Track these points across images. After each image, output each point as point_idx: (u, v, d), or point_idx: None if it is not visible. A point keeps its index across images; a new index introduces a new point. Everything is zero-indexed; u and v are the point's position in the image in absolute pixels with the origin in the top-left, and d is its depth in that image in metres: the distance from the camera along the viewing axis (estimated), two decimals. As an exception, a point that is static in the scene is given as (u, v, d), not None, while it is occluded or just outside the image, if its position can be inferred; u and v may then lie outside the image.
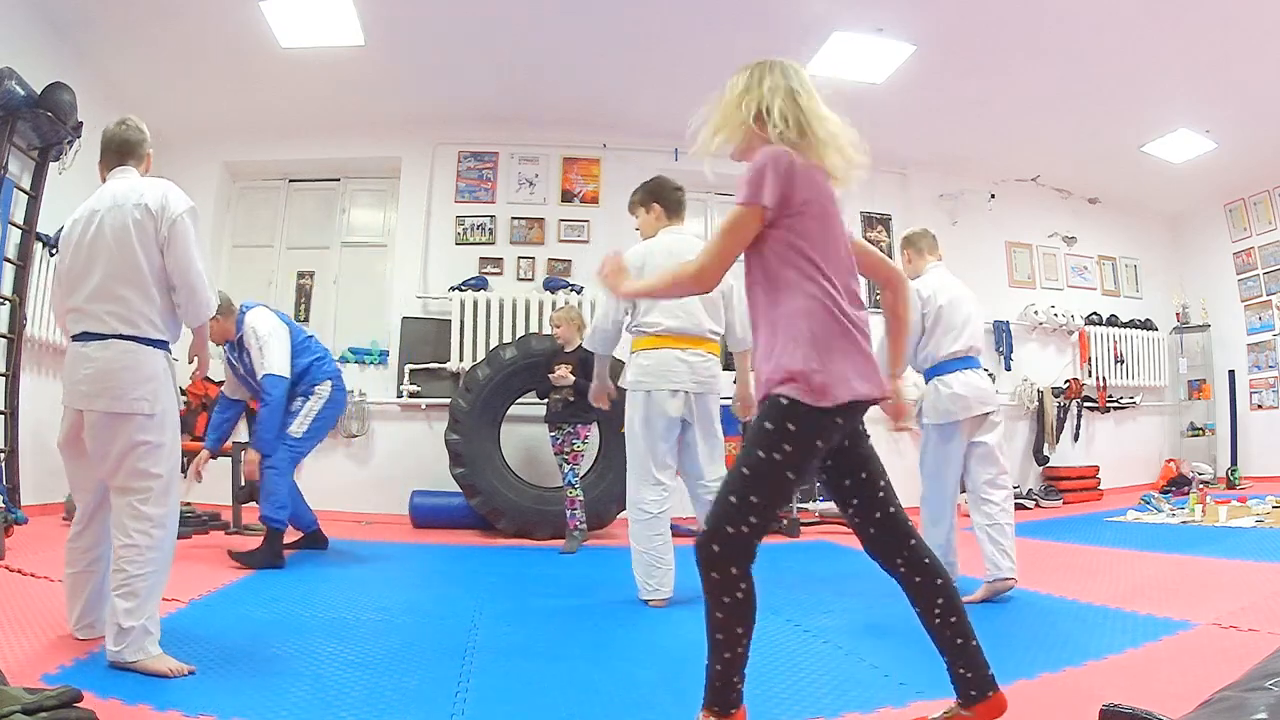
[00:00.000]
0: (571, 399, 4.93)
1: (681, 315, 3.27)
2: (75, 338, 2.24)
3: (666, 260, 3.14)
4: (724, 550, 1.54)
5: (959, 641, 1.63)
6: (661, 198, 3.49)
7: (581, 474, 5.07)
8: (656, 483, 3.21)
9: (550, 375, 4.99)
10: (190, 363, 2.54)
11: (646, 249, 3.36)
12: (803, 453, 1.56)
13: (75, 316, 2.24)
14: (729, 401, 3.49)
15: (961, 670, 1.63)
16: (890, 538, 1.67)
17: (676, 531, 3.62)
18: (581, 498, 4.97)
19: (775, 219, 1.64)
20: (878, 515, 1.68)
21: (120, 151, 2.38)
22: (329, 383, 4.23)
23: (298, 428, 4.07)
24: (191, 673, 2.06)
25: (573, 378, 4.91)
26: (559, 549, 4.79)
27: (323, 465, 6.25)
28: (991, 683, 1.63)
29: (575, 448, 5.00)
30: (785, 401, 1.56)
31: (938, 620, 1.64)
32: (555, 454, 5.10)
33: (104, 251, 2.20)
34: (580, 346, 5.07)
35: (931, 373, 3.38)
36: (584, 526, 4.95)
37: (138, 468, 2.18)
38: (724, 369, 3.46)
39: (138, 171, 2.37)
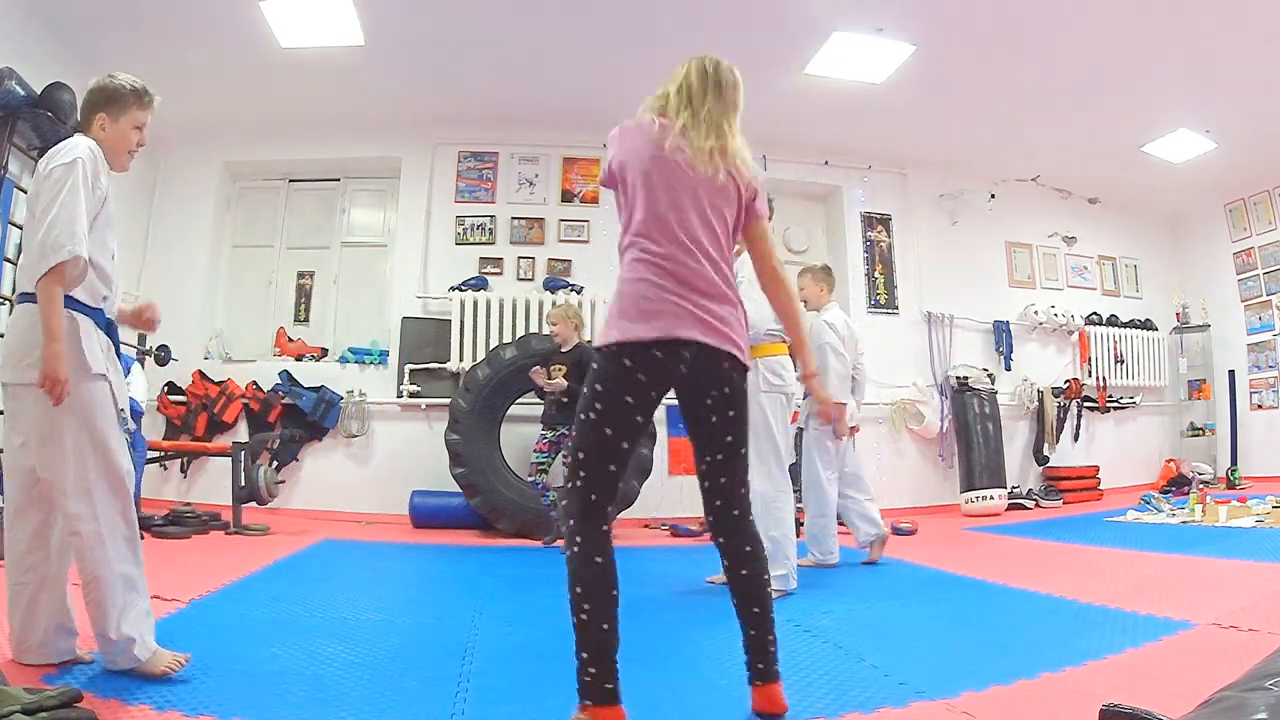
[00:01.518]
0: (565, 400, 4.88)
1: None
2: None
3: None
4: (565, 511, 1.71)
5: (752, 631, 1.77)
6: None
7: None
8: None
9: (531, 374, 4.95)
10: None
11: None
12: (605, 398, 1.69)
13: None
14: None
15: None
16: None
17: (676, 531, 3.61)
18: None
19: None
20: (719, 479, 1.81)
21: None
22: None
23: None
24: (187, 660, 2.03)
25: (565, 382, 4.85)
26: (559, 549, 4.78)
27: (323, 465, 6.27)
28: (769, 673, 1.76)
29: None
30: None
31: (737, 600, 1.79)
32: (535, 450, 5.04)
33: None
34: (577, 346, 5.05)
35: None
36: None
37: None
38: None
39: (77, 136, 2.08)
